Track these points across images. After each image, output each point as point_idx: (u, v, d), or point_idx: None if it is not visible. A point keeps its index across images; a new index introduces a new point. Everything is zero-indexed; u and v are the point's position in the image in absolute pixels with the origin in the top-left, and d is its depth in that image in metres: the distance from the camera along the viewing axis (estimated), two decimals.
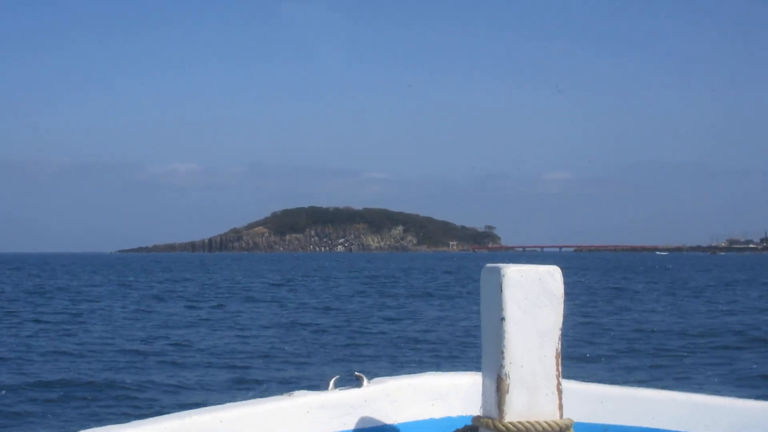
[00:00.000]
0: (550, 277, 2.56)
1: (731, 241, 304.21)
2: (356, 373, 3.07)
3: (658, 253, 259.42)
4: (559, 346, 2.56)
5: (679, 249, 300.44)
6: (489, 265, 2.59)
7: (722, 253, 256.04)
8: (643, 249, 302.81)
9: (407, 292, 41.56)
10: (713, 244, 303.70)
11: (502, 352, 2.48)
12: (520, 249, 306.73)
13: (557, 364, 2.54)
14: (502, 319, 2.48)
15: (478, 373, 2.74)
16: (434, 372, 3.32)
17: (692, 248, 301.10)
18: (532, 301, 2.51)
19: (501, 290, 2.49)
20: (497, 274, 2.52)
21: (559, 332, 2.55)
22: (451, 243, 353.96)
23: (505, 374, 2.48)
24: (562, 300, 2.57)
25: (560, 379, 2.55)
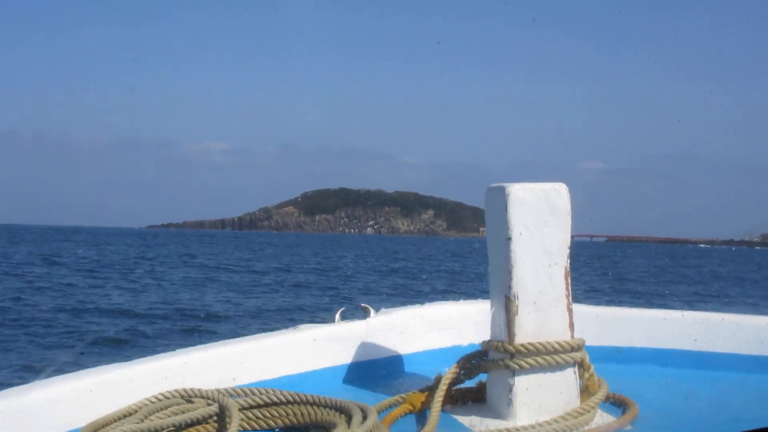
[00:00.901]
0: (557, 194, 2.46)
1: (765, 236, 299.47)
2: (362, 304, 3.04)
3: (701, 246, 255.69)
4: (568, 265, 2.48)
5: (711, 242, 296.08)
6: (493, 184, 2.49)
7: (758, 248, 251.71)
8: (676, 241, 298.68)
9: None
10: (746, 239, 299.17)
11: (510, 273, 2.41)
12: None
13: (567, 284, 2.47)
14: (509, 239, 2.40)
15: (487, 301, 2.67)
16: (442, 301, 3.32)
17: (725, 242, 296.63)
18: (538, 220, 2.43)
19: (506, 209, 2.40)
20: (502, 194, 2.42)
21: (568, 250, 2.48)
22: (481, 229, 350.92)
23: (514, 295, 2.41)
24: (569, 217, 2.48)
25: (570, 298, 2.48)
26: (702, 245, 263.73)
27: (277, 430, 2.42)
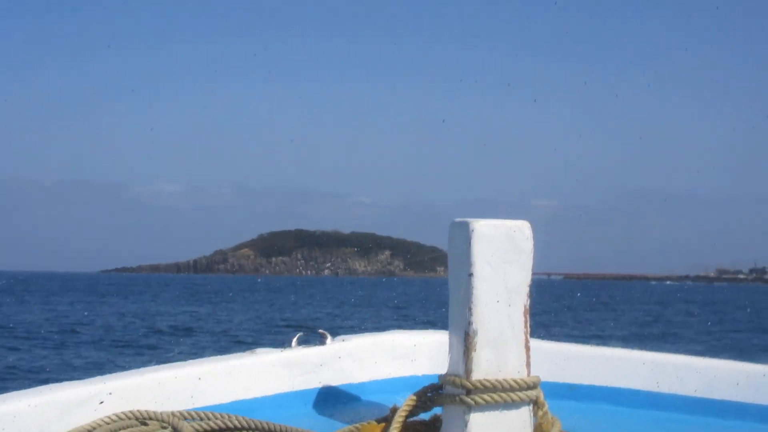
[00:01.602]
0: (520, 233, 2.46)
1: (720, 271, 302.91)
2: (320, 330, 3.03)
3: (668, 282, 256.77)
4: (528, 303, 2.48)
5: (668, 278, 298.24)
6: (457, 219, 2.48)
7: (722, 284, 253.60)
8: (633, 277, 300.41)
9: None
10: (702, 274, 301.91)
11: (470, 309, 2.39)
12: None
13: (525, 322, 2.47)
14: (471, 274, 2.39)
15: (444, 331, 2.68)
16: (399, 330, 3.30)
17: (681, 278, 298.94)
18: (501, 257, 2.42)
19: (470, 245, 2.39)
20: (466, 229, 2.41)
21: (528, 289, 2.48)
22: (438, 268, 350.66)
23: (473, 331, 2.39)
24: (532, 256, 2.49)
25: (528, 336, 2.48)
26: (669, 282, 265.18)
27: None
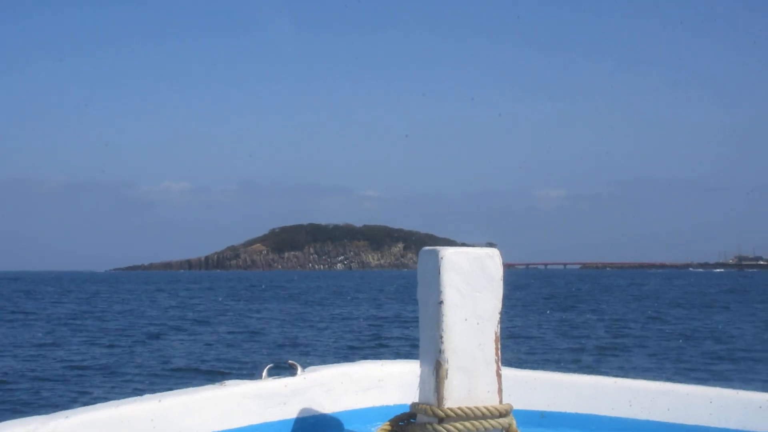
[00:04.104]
0: (490, 260, 2.49)
1: (740, 258, 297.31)
2: (290, 361, 3.04)
3: (717, 270, 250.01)
4: (498, 330, 2.50)
5: (688, 265, 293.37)
6: (426, 248, 2.52)
7: (752, 270, 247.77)
8: (651, 266, 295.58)
9: None
10: (721, 261, 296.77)
11: (441, 337, 2.41)
12: (523, 266, 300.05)
13: (496, 349, 2.49)
14: (441, 302, 2.41)
15: (414, 361, 2.70)
16: (369, 360, 3.30)
17: (700, 265, 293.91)
18: (471, 285, 2.45)
19: (439, 273, 2.42)
20: (435, 257, 2.45)
21: (498, 316, 2.50)
22: None
23: (444, 359, 2.41)
24: (501, 283, 2.51)
25: (499, 363, 2.51)
26: (700, 269, 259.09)
27: None
